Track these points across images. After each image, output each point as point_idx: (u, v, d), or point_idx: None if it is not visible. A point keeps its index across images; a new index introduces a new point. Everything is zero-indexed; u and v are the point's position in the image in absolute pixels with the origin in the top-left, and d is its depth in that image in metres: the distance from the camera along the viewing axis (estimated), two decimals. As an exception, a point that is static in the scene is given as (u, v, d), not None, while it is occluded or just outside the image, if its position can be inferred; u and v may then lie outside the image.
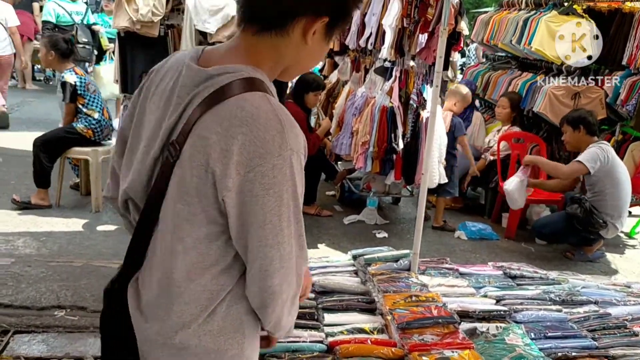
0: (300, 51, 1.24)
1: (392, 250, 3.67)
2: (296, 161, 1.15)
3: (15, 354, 2.92)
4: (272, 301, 1.21)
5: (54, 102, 8.68)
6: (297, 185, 1.17)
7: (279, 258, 1.17)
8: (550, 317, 3.02)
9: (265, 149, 1.11)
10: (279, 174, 1.12)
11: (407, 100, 4.97)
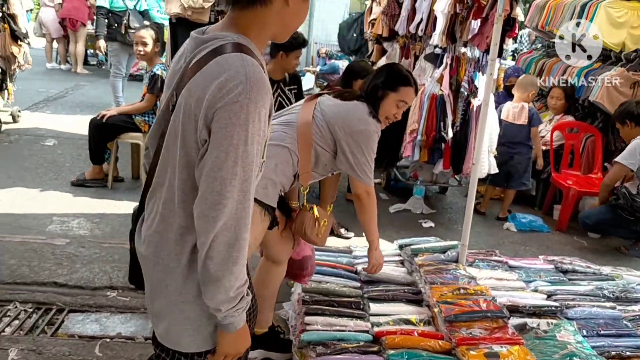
0: (284, 16, 1.42)
1: (439, 241, 3.62)
2: (253, 111, 1.30)
3: (69, 332, 3.02)
4: (206, 230, 1.33)
5: (106, 86, 8.92)
6: (250, 132, 1.31)
7: (218, 191, 1.31)
8: (603, 314, 2.92)
9: (227, 95, 1.29)
10: (234, 117, 1.29)
11: (458, 88, 4.86)
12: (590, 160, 5.66)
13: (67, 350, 2.81)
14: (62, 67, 11.66)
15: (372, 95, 2.56)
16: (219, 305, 1.39)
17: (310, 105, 2.58)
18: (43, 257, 3.74)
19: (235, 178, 1.32)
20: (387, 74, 2.59)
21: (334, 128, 2.47)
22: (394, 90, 2.56)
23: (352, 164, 2.50)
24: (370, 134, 2.48)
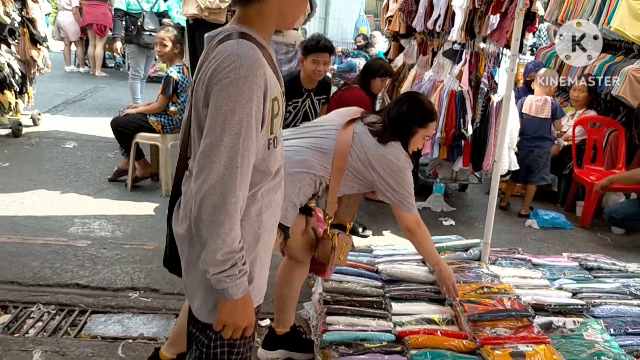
0: (282, 6, 1.57)
1: (461, 239, 3.58)
2: (243, 85, 1.44)
3: (92, 334, 3.04)
4: (196, 191, 1.47)
5: (124, 88, 8.99)
6: (237, 104, 1.44)
7: (206, 156, 1.46)
8: (631, 312, 2.86)
9: (221, 72, 1.46)
10: (223, 90, 1.44)
11: (477, 84, 4.81)
12: (614, 155, 5.56)
13: (90, 352, 2.83)
14: (81, 69, 11.78)
15: (405, 131, 2.66)
16: (207, 267, 1.50)
17: (347, 134, 2.60)
18: (65, 258, 3.77)
19: (222, 144, 1.45)
20: (419, 111, 2.69)
21: (372, 166, 2.60)
22: (424, 127, 2.70)
23: (397, 198, 2.64)
24: (407, 171, 2.64)
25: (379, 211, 5.09)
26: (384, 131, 2.62)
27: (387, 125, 2.64)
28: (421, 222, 2.75)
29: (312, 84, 4.31)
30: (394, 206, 2.69)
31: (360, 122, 2.66)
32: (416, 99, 2.77)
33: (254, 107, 1.47)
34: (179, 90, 5.08)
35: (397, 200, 2.65)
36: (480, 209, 5.50)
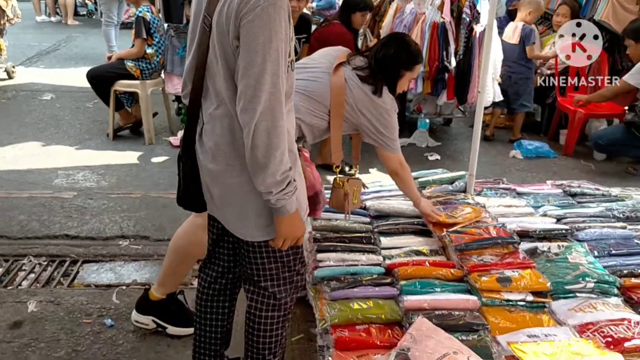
0: None
1: (446, 172, 3.59)
2: (273, 12, 1.51)
3: (85, 282, 3.07)
4: (248, 122, 1.56)
5: (98, 37, 8.74)
6: (273, 31, 1.51)
7: (253, 86, 1.53)
8: (614, 234, 2.91)
9: (249, 2, 1.50)
10: (257, 20, 1.50)
11: (459, 15, 4.72)
12: (597, 82, 5.55)
13: (84, 300, 2.86)
14: (52, 19, 11.40)
15: (391, 74, 2.64)
16: (270, 188, 1.62)
17: (340, 80, 2.57)
18: (52, 211, 3.76)
19: (266, 72, 1.52)
20: (406, 54, 2.65)
21: (360, 109, 2.61)
22: (410, 69, 2.68)
23: (382, 140, 2.68)
24: (393, 114, 2.67)
25: (364, 149, 5.05)
26: (371, 75, 2.61)
27: (373, 68, 2.62)
28: (404, 162, 2.79)
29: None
30: (379, 148, 2.73)
31: (347, 66, 2.63)
32: (403, 41, 2.73)
33: (284, 31, 1.55)
34: (152, 31, 4.95)
35: (383, 142, 2.68)
36: (465, 142, 5.52)
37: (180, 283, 2.65)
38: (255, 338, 2.01)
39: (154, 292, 2.59)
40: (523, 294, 2.31)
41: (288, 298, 1.98)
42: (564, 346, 1.93)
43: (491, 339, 2.07)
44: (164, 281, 2.58)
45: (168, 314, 2.60)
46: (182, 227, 2.56)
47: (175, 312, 2.61)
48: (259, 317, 1.98)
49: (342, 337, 2.10)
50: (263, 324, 1.98)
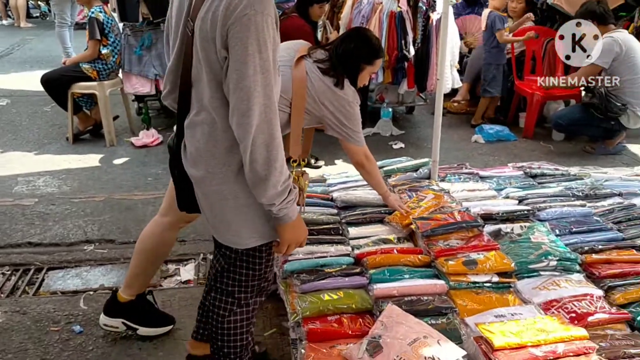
0: None
1: (410, 160, 3.63)
2: (261, 20, 1.48)
3: (51, 290, 3.01)
4: (245, 136, 1.54)
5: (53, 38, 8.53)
6: (261, 40, 1.49)
7: (246, 99, 1.51)
8: (574, 212, 2.99)
9: (234, 11, 1.46)
10: (245, 29, 1.47)
11: (416, 4, 4.76)
12: (552, 64, 5.67)
13: (51, 307, 2.81)
14: (4, 22, 11.11)
15: (352, 68, 2.67)
16: (272, 200, 1.63)
17: (301, 73, 2.56)
18: (13, 218, 3.67)
19: (258, 84, 1.50)
20: (366, 48, 2.68)
21: (323, 102, 2.61)
22: (371, 64, 2.71)
23: (346, 133, 2.69)
24: (356, 106, 2.68)
25: (329, 141, 5.08)
26: (332, 67, 2.63)
27: (334, 62, 2.64)
28: (369, 154, 2.82)
29: None
30: (343, 140, 2.75)
31: (309, 59, 2.63)
32: (363, 35, 2.76)
33: (272, 39, 1.53)
34: (107, 31, 4.86)
35: (347, 134, 2.71)
36: (428, 129, 5.56)
37: (148, 283, 2.62)
38: (220, 343, 2.00)
39: (122, 294, 2.56)
40: (489, 275, 2.36)
41: (251, 300, 1.98)
42: (529, 324, 1.98)
43: (459, 321, 2.11)
44: (132, 282, 2.55)
45: (138, 315, 2.57)
46: (148, 227, 2.53)
47: (145, 313, 2.59)
48: (222, 322, 1.97)
49: (314, 329, 2.12)
50: (227, 328, 1.98)
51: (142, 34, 5.33)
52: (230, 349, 2.01)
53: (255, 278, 1.93)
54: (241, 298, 1.94)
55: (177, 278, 3.14)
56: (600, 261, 2.54)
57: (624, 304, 2.28)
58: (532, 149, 5.13)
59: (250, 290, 1.94)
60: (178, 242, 3.44)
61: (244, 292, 1.93)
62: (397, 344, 1.89)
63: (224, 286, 1.93)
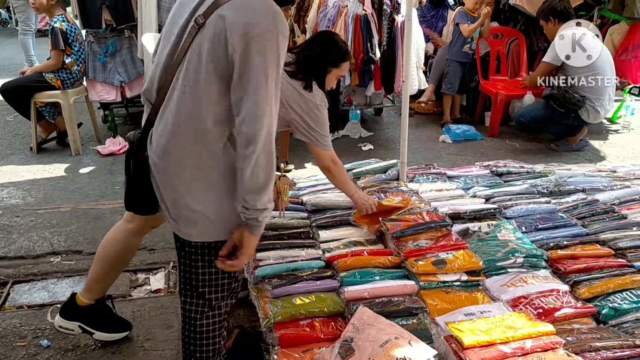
0: None
1: (379, 162, 3.66)
2: (280, 40, 1.61)
3: (17, 304, 2.94)
4: (255, 142, 1.59)
5: (15, 46, 8.37)
6: (279, 57, 1.62)
7: (261, 108, 1.59)
8: (539, 209, 3.05)
9: (260, 27, 1.57)
10: (268, 44, 1.58)
11: (381, 6, 4.80)
12: (516, 64, 5.78)
13: (17, 322, 2.75)
14: (-38, 30, 10.83)
15: (319, 71, 2.69)
16: (265, 205, 1.67)
17: None
18: (-24, 232, 3.58)
19: (270, 96, 1.60)
20: (332, 52, 2.70)
21: (291, 105, 2.62)
22: (337, 67, 2.72)
23: (314, 137, 2.71)
24: (324, 109, 2.70)
25: (299, 145, 5.09)
26: (300, 71, 2.65)
27: (301, 65, 2.66)
28: (336, 158, 2.81)
29: None
30: (310, 144, 2.76)
31: None
32: (330, 39, 2.77)
33: (282, 57, 1.64)
34: (70, 40, 4.78)
35: (314, 138, 2.72)
36: (396, 130, 5.62)
37: (108, 288, 2.57)
38: (193, 347, 1.98)
39: (81, 298, 2.50)
40: (458, 274, 2.39)
41: (223, 303, 1.96)
42: (498, 321, 2.01)
43: (430, 321, 2.13)
44: (92, 287, 2.50)
45: (96, 319, 2.52)
46: (112, 232, 2.48)
47: (102, 317, 2.54)
48: (194, 325, 1.95)
49: (286, 334, 2.11)
50: (199, 332, 1.96)
51: (106, 41, 5.26)
52: (203, 353, 1.99)
53: (225, 276, 1.90)
54: (212, 299, 1.92)
55: (147, 287, 3.09)
56: (565, 257, 2.59)
57: (589, 298, 2.33)
58: (498, 147, 5.21)
59: (221, 290, 1.92)
60: (147, 251, 3.40)
61: (214, 293, 1.92)
62: (369, 346, 1.90)
63: (196, 288, 1.91)
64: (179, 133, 1.69)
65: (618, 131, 5.72)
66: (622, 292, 2.34)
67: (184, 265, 1.92)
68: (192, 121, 1.67)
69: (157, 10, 5.08)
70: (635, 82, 5.69)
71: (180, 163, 1.72)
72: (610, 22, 5.50)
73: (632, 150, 5.21)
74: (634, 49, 5.40)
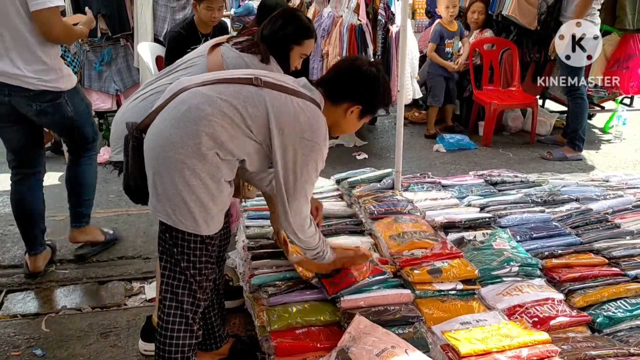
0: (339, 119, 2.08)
1: (374, 171, 3.67)
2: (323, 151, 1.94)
3: (11, 313, 2.92)
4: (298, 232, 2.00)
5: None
6: (318, 164, 1.94)
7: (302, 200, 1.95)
8: (534, 218, 3.07)
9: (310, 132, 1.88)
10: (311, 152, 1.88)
11: (375, 17, 4.84)
12: (509, 74, 5.82)
13: (11, 331, 2.73)
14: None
15: (281, 49, 2.43)
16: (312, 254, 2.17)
17: (216, 57, 2.36)
18: (-31, 241, 3.56)
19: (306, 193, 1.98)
20: (293, 26, 2.45)
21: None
22: (299, 44, 2.46)
23: None
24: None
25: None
26: (255, 45, 2.40)
27: (257, 41, 2.41)
28: None
29: (207, 29, 4.15)
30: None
31: (226, 44, 2.45)
32: (292, 14, 2.52)
33: None
34: (64, 51, 4.78)
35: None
36: (391, 140, 5.65)
37: None
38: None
39: (156, 318, 2.50)
40: (453, 283, 2.40)
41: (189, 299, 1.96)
42: (494, 330, 2.02)
43: (426, 329, 2.14)
44: None
45: None
46: None
47: None
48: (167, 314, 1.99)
49: (282, 344, 2.12)
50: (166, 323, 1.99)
51: (102, 50, 5.27)
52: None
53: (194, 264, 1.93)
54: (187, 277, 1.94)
55: (142, 296, 3.08)
56: (560, 265, 2.61)
57: (583, 306, 2.35)
58: (492, 157, 5.24)
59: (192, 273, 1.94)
60: (142, 259, 3.40)
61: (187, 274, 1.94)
62: (366, 355, 1.91)
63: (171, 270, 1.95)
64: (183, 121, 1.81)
65: (610, 141, 5.77)
66: (616, 301, 2.36)
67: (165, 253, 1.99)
68: None
69: (153, 20, 5.10)
70: (627, 92, 5.74)
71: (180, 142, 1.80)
72: (602, 33, 5.55)
73: (624, 159, 5.25)
74: (625, 60, 5.45)
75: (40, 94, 2.87)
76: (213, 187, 1.84)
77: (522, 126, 5.96)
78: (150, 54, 4.49)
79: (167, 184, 1.82)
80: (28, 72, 2.80)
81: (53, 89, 2.89)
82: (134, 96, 2.37)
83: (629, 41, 5.39)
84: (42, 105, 2.90)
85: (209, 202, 1.85)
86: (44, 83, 2.85)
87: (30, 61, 2.79)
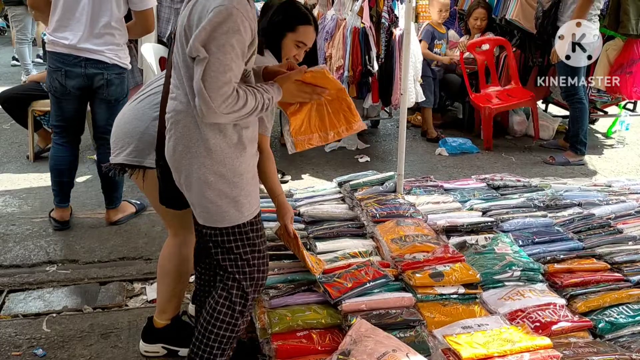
0: None
1: (376, 174, 3.67)
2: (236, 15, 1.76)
3: (12, 313, 2.92)
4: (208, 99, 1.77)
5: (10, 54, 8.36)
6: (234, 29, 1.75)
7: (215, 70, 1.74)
8: (536, 223, 3.07)
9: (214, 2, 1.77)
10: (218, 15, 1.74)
11: (379, 20, 4.84)
12: (508, 76, 5.78)
13: (12, 331, 2.73)
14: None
15: (272, 35, 2.34)
16: None
17: None
18: (-29, 240, 3.57)
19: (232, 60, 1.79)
20: (285, 13, 2.36)
21: None
22: (292, 30, 2.33)
23: None
24: None
25: (296, 155, 5.10)
26: None
27: None
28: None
29: None
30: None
31: None
32: (287, 2, 2.39)
33: None
34: None
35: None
36: (393, 143, 5.65)
37: (180, 304, 2.57)
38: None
39: (158, 320, 2.51)
40: (455, 287, 2.39)
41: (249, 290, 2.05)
42: (495, 334, 2.02)
43: (427, 333, 2.13)
44: (165, 307, 2.50)
45: (177, 337, 2.53)
46: (164, 250, 2.48)
47: (183, 334, 2.54)
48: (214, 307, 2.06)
49: (283, 346, 2.12)
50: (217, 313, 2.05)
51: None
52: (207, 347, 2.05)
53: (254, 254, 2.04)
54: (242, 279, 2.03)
55: (143, 297, 3.08)
56: (562, 270, 2.61)
57: (585, 311, 2.35)
58: (494, 161, 5.23)
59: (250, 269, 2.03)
60: (144, 260, 3.40)
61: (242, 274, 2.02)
62: (367, 358, 1.90)
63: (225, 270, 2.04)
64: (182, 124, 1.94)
65: (613, 146, 5.76)
66: (618, 306, 2.36)
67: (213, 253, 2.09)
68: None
69: (157, 21, 5.10)
70: (630, 97, 5.72)
71: (187, 149, 1.92)
72: (606, 38, 5.54)
73: (626, 165, 5.24)
74: (628, 65, 5.44)
75: (113, 66, 3.48)
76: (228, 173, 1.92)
77: (526, 130, 5.96)
78: (154, 55, 4.51)
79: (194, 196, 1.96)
80: (106, 50, 3.43)
81: (122, 64, 3.53)
82: (134, 97, 2.39)
83: (632, 46, 5.38)
84: (111, 76, 3.48)
85: (233, 189, 1.93)
86: (117, 59, 3.49)
87: (109, 42, 3.43)
